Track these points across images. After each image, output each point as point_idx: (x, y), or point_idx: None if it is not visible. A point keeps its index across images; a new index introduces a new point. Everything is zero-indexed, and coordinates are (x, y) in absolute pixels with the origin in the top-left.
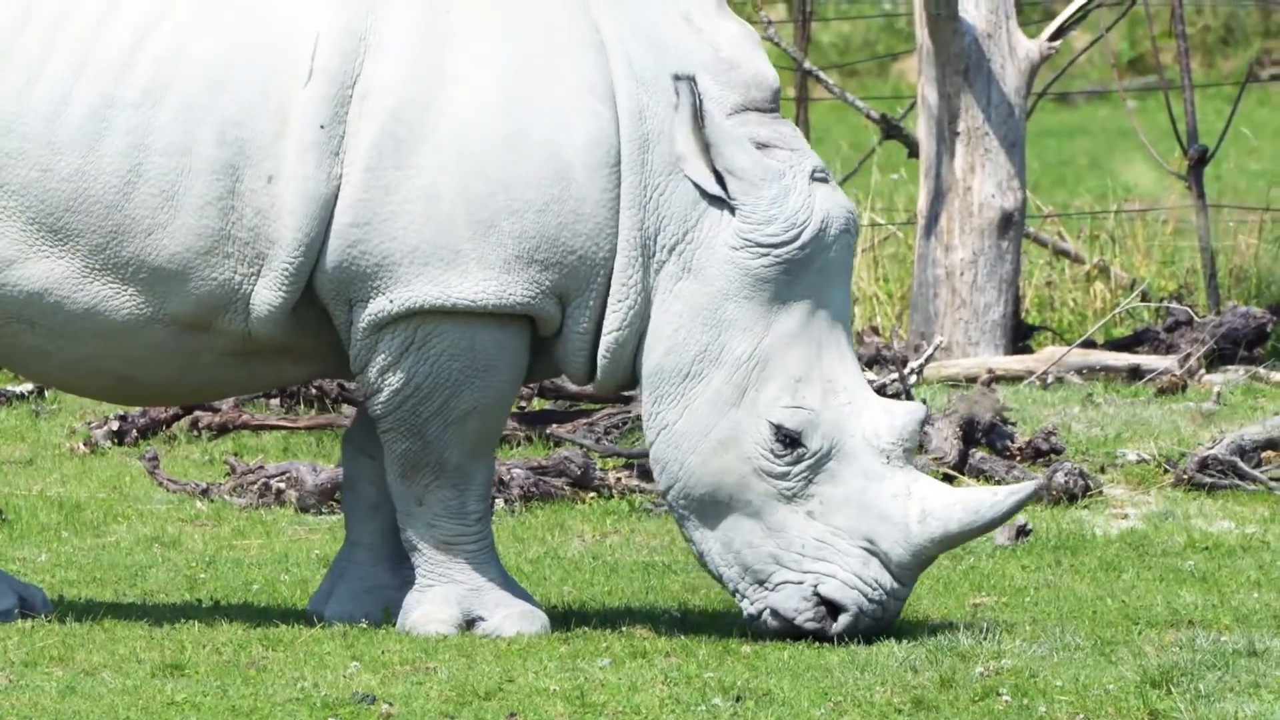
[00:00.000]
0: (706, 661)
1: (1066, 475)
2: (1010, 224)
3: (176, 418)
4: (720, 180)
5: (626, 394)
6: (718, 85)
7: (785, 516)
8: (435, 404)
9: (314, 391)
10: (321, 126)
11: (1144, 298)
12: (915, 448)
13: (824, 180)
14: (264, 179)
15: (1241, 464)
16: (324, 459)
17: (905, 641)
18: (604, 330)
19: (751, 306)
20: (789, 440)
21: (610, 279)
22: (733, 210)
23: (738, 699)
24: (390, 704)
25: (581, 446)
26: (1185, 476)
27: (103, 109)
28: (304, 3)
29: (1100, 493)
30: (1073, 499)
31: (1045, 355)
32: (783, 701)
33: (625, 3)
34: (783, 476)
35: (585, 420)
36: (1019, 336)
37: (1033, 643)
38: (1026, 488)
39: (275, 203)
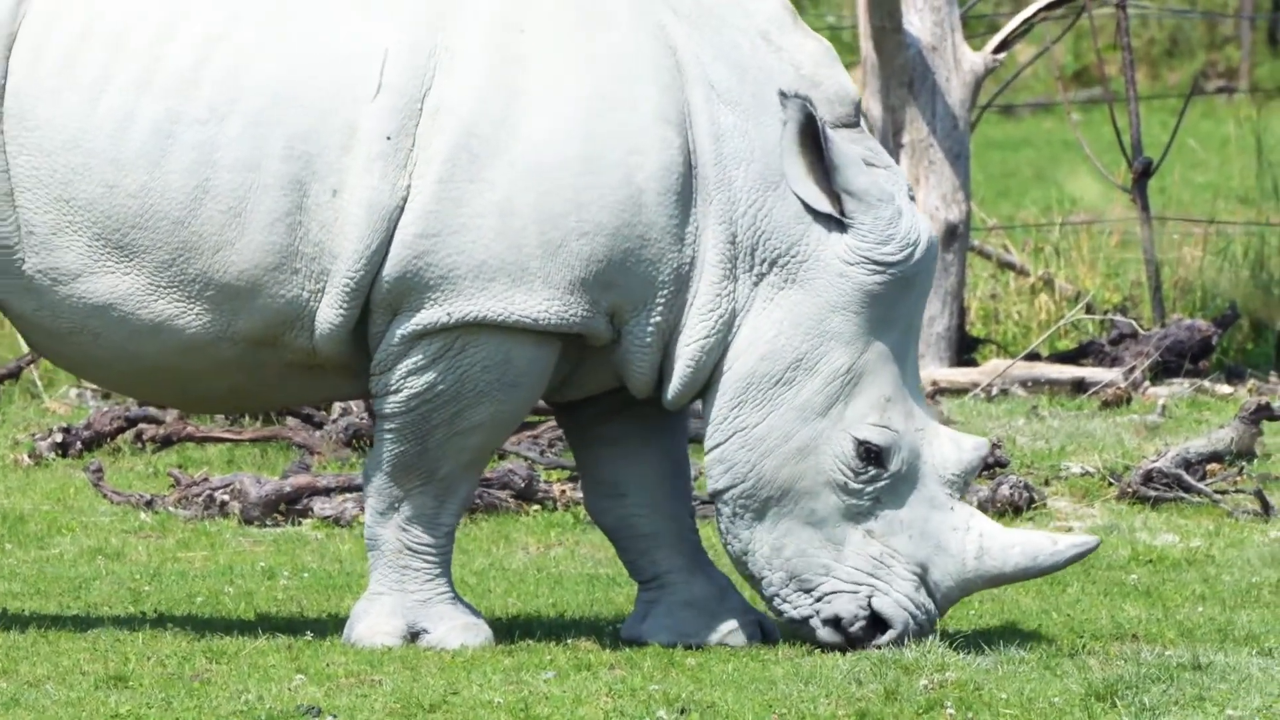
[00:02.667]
0: (651, 674)
1: (1011, 488)
2: (955, 236)
3: (121, 430)
4: (836, 199)
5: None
6: None
7: (846, 531)
8: (449, 413)
9: None
10: (388, 138)
11: (1089, 310)
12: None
13: (913, 199)
14: (329, 193)
15: (1186, 477)
16: (268, 471)
17: (850, 654)
18: (688, 339)
19: (858, 321)
20: (871, 457)
21: (668, 298)
22: (844, 227)
23: (682, 711)
24: (335, 716)
25: (526, 459)
26: (1130, 489)
27: (168, 125)
28: (371, 19)
29: (1045, 505)
30: (1017, 512)
31: (989, 368)
32: (727, 714)
33: (703, 24)
34: (855, 493)
35: (529, 432)
36: (963, 349)
37: (977, 655)
38: (1089, 542)
39: (339, 216)
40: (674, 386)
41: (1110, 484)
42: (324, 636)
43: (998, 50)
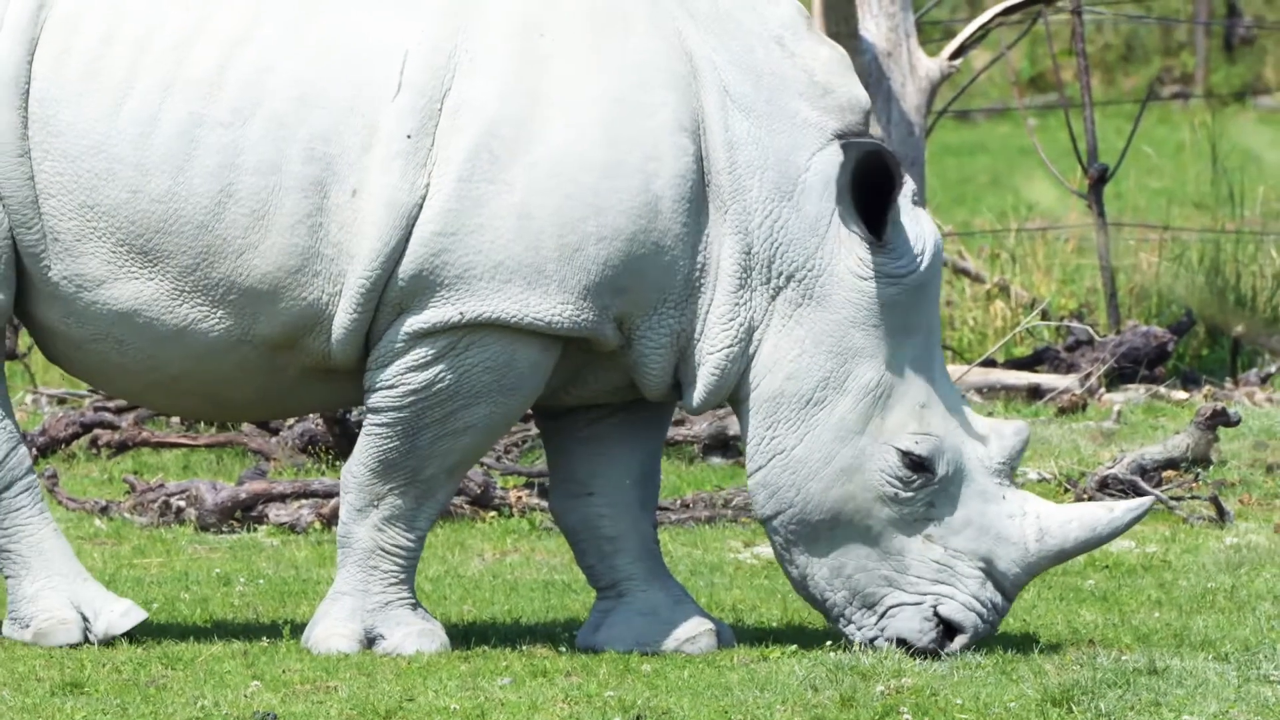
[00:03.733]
0: (607, 680)
1: None
2: None
3: (76, 435)
4: (882, 229)
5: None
6: (816, 111)
7: (904, 541)
8: (442, 412)
9: None
10: (409, 136)
11: (1044, 316)
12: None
13: (918, 203)
14: (349, 193)
15: (1142, 483)
16: (224, 477)
17: (806, 659)
18: (711, 348)
19: (878, 334)
20: (918, 466)
21: (679, 304)
22: (856, 241)
23: (638, 718)
24: None
25: (481, 465)
26: (1086, 496)
27: (192, 129)
28: (392, 21)
29: None
30: None
31: None
32: None
33: (718, 29)
34: (907, 503)
35: None
36: None
37: (934, 661)
38: (1144, 503)
39: (358, 216)
40: (698, 394)
41: (1066, 490)
42: (279, 643)
43: (953, 56)
